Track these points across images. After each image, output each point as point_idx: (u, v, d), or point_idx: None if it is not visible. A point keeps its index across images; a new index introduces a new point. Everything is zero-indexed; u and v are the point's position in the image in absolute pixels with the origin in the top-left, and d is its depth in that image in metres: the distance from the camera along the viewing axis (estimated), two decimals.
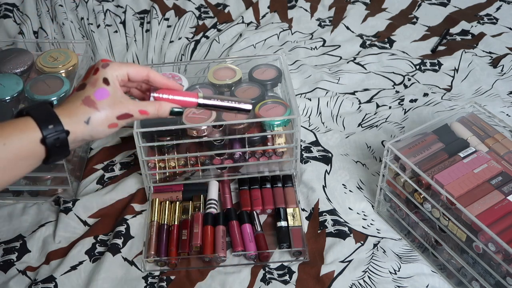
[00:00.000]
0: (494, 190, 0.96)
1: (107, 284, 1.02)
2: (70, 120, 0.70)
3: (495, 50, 1.55)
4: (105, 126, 0.73)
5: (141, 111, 0.75)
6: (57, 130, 0.69)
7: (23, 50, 1.27)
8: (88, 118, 0.71)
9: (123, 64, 0.76)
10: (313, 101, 1.38)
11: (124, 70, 0.75)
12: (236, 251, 1.06)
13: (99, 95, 0.72)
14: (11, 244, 1.10)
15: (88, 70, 0.75)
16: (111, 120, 0.73)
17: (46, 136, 0.68)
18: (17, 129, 0.68)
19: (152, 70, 0.78)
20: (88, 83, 0.73)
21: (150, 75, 0.77)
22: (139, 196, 1.18)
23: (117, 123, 0.74)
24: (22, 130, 0.68)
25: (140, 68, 0.77)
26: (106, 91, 0.72)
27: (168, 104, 0.78)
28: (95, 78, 0.73)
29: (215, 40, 1.58)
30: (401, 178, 1.02)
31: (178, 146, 1.15)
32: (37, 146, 0.68)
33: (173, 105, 0.78)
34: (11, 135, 0.67)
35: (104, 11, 1.68)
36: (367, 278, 1.02)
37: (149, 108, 0.76)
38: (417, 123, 1.31)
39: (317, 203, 1.15)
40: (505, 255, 0.88)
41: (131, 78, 0.76)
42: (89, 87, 0.73)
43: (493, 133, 1.08)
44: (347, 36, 1.61)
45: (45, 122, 0.69)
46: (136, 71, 0.76)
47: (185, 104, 0.79)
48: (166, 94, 0.78)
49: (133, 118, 0.75)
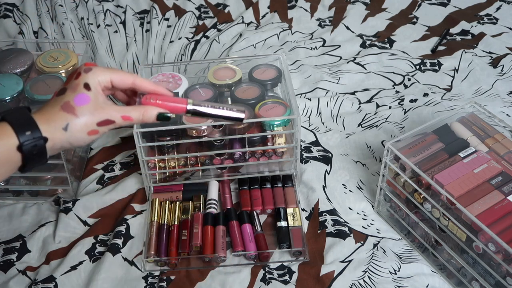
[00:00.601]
0: (494, 190, 0.96)
1: (107, 284, 1.02)
2: (48, 127, 0.67)
3: (495, 50, 1.55)
4: (84, 133, 0.70)
5: (124, 116, 0.72)
6: (35, 137, 0.66)
7: (23, 50, 1.27)
8: (67, 124, 0.68)
9: (107, 69, 0.73)
10: (313, 101, 1.38)
11: (107, 76, 0.72)
12: (236, 251, 1.06)
13: (78, 100, 0.69)
14: (11, 244, 1.10)
15: (70, 75, 0.73)
16: (91, 127, 0.70)
17: (23, 143, 0.65)
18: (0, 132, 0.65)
19: (138, 77, 0.75)
20: (69, 88, 0.70)
21: (136, 82, 0.74)
22: (139, 196, 1.18)
23: (98, 130, 0.71)
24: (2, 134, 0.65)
25: (125, 75, 0.74)
26: (87, 97, 0.70)
27: (154, 109, 0.75)
28: (76, 83, 0.70)
29: (215, 40, 1.58)
30: (401, 178, 1.02)
31: (178, 146, 1.15)
32: (13, 153, 0.65)
33: (160, 110, 0.75)
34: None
35: (104, 11, 1.68)
36: (367, 278, 1.02)
37: (133, 114, 0.73)
38: (417, 123, 1.31)
39: (317, 203, 1.15)
40: (505, 255, 0.88)
41: (115, 85, 0.73)
42: (69, 92, 0.70)
43: (493, 133, 1.08)
44: (347, 36, 1.61)
45: (22, 128, 0.65)
46: (120, 79, 0.73)
47: (174, 110, 0.76)
48: (153, 99, 0.75)
49: (115, 125, 0.72)
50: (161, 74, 1.22)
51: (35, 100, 1.14)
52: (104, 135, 1.30)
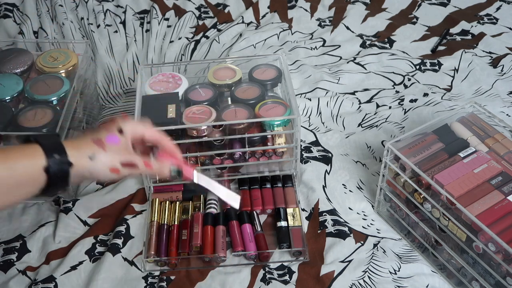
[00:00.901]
0: (494, 190, 0.96)
1: (107, 284, 1.02)
2: (75, 153, 0.72)
3: (495, 50, 1.55)
4: (107, 167, 0.75)
5: (146, 163, 0.79)
6: (62, 161, 0.71)
7: (23, 50, 1.27)
8: (93, 154, 0.74)
9: (141, 123, 0.81)
10: (313, 101, 1.38)
11: (140, 129, 0.79)
12: (236, 251, 1.06)
13: (110, 139, 0.75)
14: (11, 244, 1.10)
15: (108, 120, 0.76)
16: (115, 164, 0.75)
17: (50, 165, 0.70)
18: (25, 154, 0.70)
19: (164, 137, 0.82)
20: (103, 128, 0.77)
21: (162, 142, 0.82)
22: (139, 196, 1.18)
23: (119, 169, 0.76)
24: (29, 156, 0.70)
25: (156, 134, 0.81)
26: (118, 139, 0.76)
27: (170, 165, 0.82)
28: (111, 126, 0.77)
29: (215, 40, 1.58)
30: (401, 178, 1.02)
31: (178, 146, 1.15)
32: (39, 174, 0.70)
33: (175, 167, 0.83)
34: (18, 159, 0.69)
35: (104, 11, 1.68)
36: (367, 278, 1.02)
37: (153, 164, 0.80)
38: (417, 123, 1.31)
39: (317, 203, 1.15)
40: (505, 255, 0.88)
41: (145, 139, 0.81)
42: (103, 131, 0.77)
43: (493, 133, 1.08)
44: (347, 36, 1.61)
45: (51, 151, 0.70)
46: (151, 135, 0.81)
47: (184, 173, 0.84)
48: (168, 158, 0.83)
49: (136, 169, 0.77)
50: (161, 74, 1.22)
51: (35, 100, 1.14)
52: None
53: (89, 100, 1.30)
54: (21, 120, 1.10)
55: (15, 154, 0.69)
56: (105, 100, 1.44)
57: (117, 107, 1.41)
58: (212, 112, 1.13)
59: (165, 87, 1.19)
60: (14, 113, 1.11)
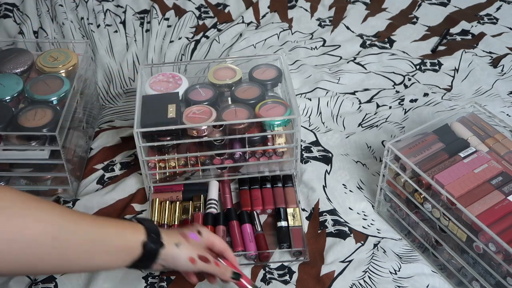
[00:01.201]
0: (495, 190, 0.96)
1: (107, 284, 1.02)
2: (166, 238, 0.85)
3: (495, 50, 1.55)
4: (187, 257, 0.86)
5: (216, 262, 0.90)
6: (157, 241, 0.84)
7: (23, 50, 1.27)
8: (179, 242, 0.86)
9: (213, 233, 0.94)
10: (313, 101, 1.38)
11: (213, 238, 0.92)
12: (236, 251, 1.06)
13: (192, 235, 0.89)
14: None
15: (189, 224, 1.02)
16: (193, 255, 0.87)
17: (148, 241, 0.82)
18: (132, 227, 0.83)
19: (229, 249, 0.94)
20: (186, 227, 0.92)
21: (226, 253, 0.94)
22: (139, 196, 1.18)
23: (196, 261, 0.87)
24: (134, 230, 0.83)
25: (223, 244, 0.94)
26: (198, 237, 0.90)
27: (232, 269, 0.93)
28: (192, 227, 0.92)
29: (215, 40, 1.58)
30: (401, 178, 1.02)
31: (178, 146, 1.15)
32: (137, 247, 0.81)
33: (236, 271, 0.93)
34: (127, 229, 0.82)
35: (104, 11, 1.68)
36: (367, 278, 1.02)
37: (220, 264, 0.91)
38: (417, 123, 1.31)
39: (317, 203, 1.15)
40: (506, 255, 0.88)
41: (214, 247, 0.92)
42: (186, 229, 0.91)
43: (493, 133, 1.08)
44: (347, 36, 1.61)
45: (151, 231, 0.84)
46: (219, 244, 0.93)
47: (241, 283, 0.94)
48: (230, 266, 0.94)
49: (208, 264, 0.88)
50: (161, 74, 1.22)
51: (35, 100, 1.14)
52: (104, 136, 1.30)
53: (89, 100, 1.30)
54: (21, 120, 1.10)
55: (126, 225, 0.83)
56: (105, 100, 1.44)
57: (117, 107, 1.41)
58: (212, 112, 1.13)
59: (165, 87, 1.19)
60: (14, 113, 1.11)
